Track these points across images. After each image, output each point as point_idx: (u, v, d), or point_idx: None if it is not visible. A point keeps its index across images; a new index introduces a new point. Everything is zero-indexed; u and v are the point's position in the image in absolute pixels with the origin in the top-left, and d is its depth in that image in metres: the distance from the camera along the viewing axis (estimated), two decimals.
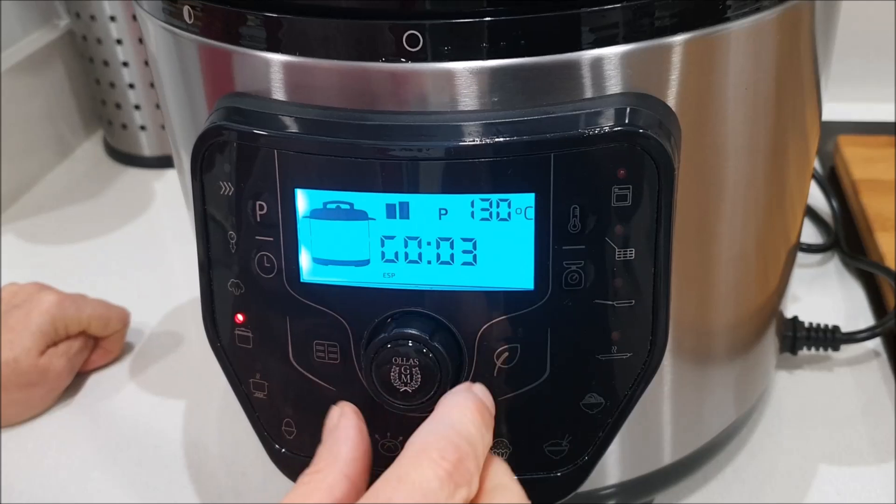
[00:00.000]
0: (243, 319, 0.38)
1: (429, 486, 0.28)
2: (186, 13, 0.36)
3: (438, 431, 0.30)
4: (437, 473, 0.29)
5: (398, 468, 0.29)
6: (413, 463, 0.29)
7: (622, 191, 0.33)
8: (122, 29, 0.83)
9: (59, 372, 0.59)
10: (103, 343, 0.63)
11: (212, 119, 0.36)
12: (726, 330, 0.45)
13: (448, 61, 0.32)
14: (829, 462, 0.53)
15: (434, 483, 0.28)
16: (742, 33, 0.35)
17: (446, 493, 0.29)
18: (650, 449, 0.46)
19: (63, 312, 0.59)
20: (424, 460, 0.29)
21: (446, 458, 0.29)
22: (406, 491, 0.28)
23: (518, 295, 0.35)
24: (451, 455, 0.29)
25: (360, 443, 0.33)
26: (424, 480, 0.28)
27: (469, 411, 0.32)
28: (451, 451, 0.29)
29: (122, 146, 0.91)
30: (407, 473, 0.29)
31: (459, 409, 0.32)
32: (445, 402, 0.33)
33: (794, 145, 0.42)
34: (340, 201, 0.35)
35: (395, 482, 0.29)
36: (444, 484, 0.29)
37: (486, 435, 0.32)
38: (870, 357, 0.61)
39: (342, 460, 0.32)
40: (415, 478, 0.29)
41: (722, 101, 0.36)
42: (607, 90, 0.33)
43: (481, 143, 0.33)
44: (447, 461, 0.29)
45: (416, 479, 0.28)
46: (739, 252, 0.42)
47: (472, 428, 0.31)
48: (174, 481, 0.55)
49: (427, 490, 0.28)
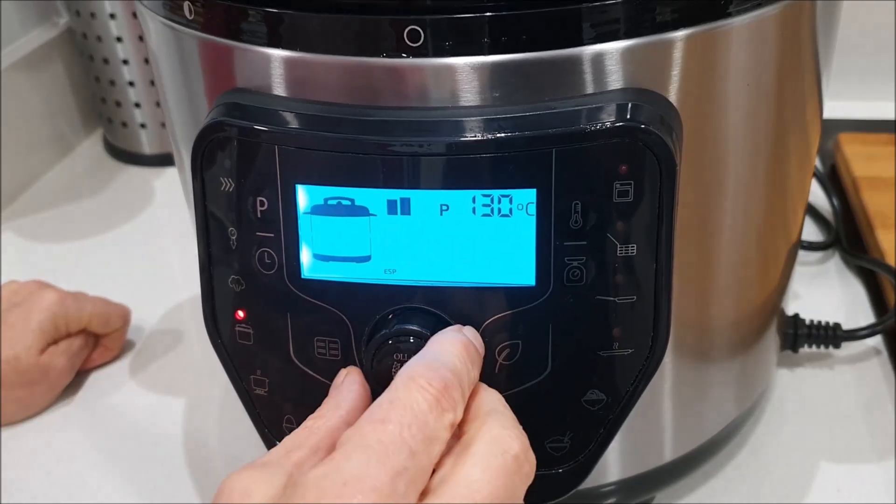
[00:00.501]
0: (244, 316, 0.38)
1: (418, 407, 0.31)
2: (187, 9, 0.36)
3: (426, 363, 0.32)
4: (426, 397, 0.31)
5: (389, 393, 0.31)
6: (404, 388, 0.31)
7: (624, 186, 0.33)
8: (122, 26, 0.83)
9: (60, 370, 0.59)
10: (104, 341, 0.63)
11: (212, 115, 0.35)
12: (727, 327, 0.45)
13: (449, 56, 0.32)
14: (829, 459, 0.53)
15: (423, 405, 0.31)
16: (743, 29, 0.35)
17: (434, 415, 0.31)
18: (651, 446, 0.46)
19: (64, 310, 0.59)
20: (413, 386, 0.31)
21: (433, 384, 0.31)
22: (398, 411, 0.30)
23: (519, 291, 0.35)
24: (437, 383, 0.31)
25: (363, 395, 0.35)
26: (414, 402, 0.31)
27: (455, 348, 0.34)
28: (437, 380, 0.32)
29: (122, 144, 0.91)
30: (398, 397, 0.31)
31: (446, 345, 0.34)
32: (435, 339, 0.35)
33: (796, 142, 0.42)
34: (341, 197, 0.35)
35: (387, 404, 0.31)
36: (432, 407, 0.31)
37: (471, 370, 0.34)
38: (870, 354, 0.61)
39: (344, 408, 0.34)
40: (405, 400, 0.31)
41: (723, 97, 0.36)
42: (609, 86, 0.33)
43: (482, 138, 0.32)
44: (434, 387, 0.31)
45: (407, 401, 0.31)
46: (740, 249, 0.42)
47: (458, 361, 0.33)
48: (175, 478, 0.55)
49: (417, 411, 0.30)
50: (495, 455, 0.31)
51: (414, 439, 0.30)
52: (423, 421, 0.30)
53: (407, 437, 0.30)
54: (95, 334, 0.63)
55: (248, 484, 0.30)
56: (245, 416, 0.40)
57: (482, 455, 0.31)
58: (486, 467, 0.31)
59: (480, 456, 0.31)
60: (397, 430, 0.30)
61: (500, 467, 0.31)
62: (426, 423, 0.30)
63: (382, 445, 0.29)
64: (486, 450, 0.31)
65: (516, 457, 0.31)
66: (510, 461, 0.31)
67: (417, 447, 0.30)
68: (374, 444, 0.29)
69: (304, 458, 0.32)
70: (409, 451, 0.29)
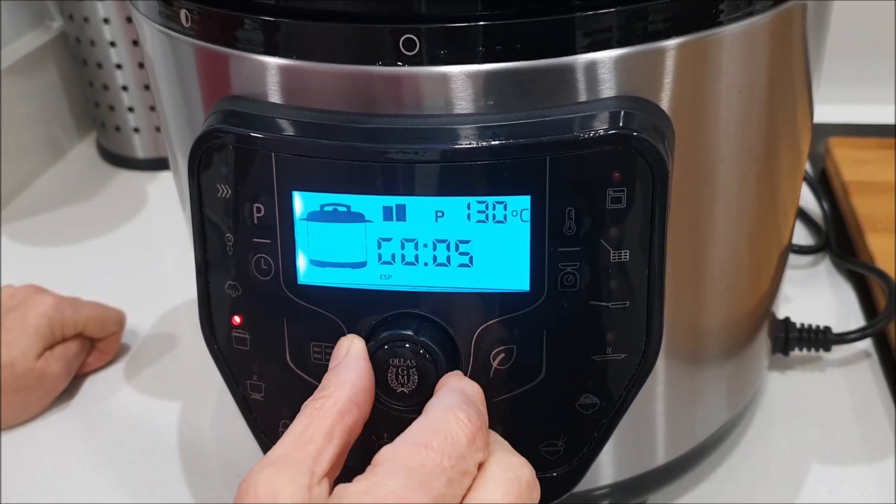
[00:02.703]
0: (240, 321, 0.38)
1: (458, 439, 0.31)
2: (183, 16, 0.36)
3: (458, 397, 0.33)
4: (465, 432, 0.31)
5: (431, 420, 0.31)
6: (443, 418, 0.31)
7: (617, 193, 0.34)
8: (116, 31, 0.83)
9: (56, 375, 0.59)
10: (100, 345, 0.63)
11: (209, 122, 0.36)
12: (719, 331, 0.45)
13: (444, 65, 0.33)
14: (820, 462, 0.54)
15: (462, 439, 0.31)
16: (735, 37, 0.35)
17: (471, 451, 0.31)
18: (644, 449, 0.46)
19: (60, 314, 0.59)
20: (452, 418, 0.31)
21: (472, 421, 0.32)
22: (440, 440, 0.31)
23: (514, 296, 0.35)
24: (476, 420, 0.32)
25: (368, 373, 0.35)
26: (455, 434, 0.31)
27: (478, 392, 0.34)
28: (475, 417, 0.32)
29: (115, 148, 0.91)
30: (439, 426, 0.31)
31: (470, 385, 0.34)
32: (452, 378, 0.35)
33: (786, 147, 0.42)
34: (337, 204, 0.35)
35: (430, 430, 0.31)
36: (469, 442, 0.31)
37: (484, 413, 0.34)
38: (861, 358, 0.61)
39: (351, 387, 0.34)
40: (446, 430, 0.31)
41: (715, 104, 0.36)
42: (602, 93, 0.34)
43: (477, 145, 0.33)
44: (472, 424, 0.32)
45: (448, 432, 0.31)
46: (732, 253, 0.42)
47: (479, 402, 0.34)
48: (171, 482, 0.55)
49: (457, 443, 0.31)
50: (512, 480, 0.32)
51: (453, 470, 0.30)
52: (461, 454, 0.31)
53: (447, 467, 0.30)
54: (91, 338, 0.63)
55: (272, 485, 0.30)
56: (240, 420, 0.41)
57: (501, 480, 0.32)
58: (507, 492, 0.31)
59: (499, 480, 0.32)
60: (439, 458, 0.30)
61: (518, 492, 0.32)
62: (463, 456, 0.31)
63: (425, 470, 0.30)
64: (503, 475, 0.32)
65: (528, 483, 0.32)
66: (524, 486, 0.32)
67: (454, 477, 0.30)
68: (417, 467, 0.30)
69: (320, 450, 0.31)
70: (447, 479, 0.30)
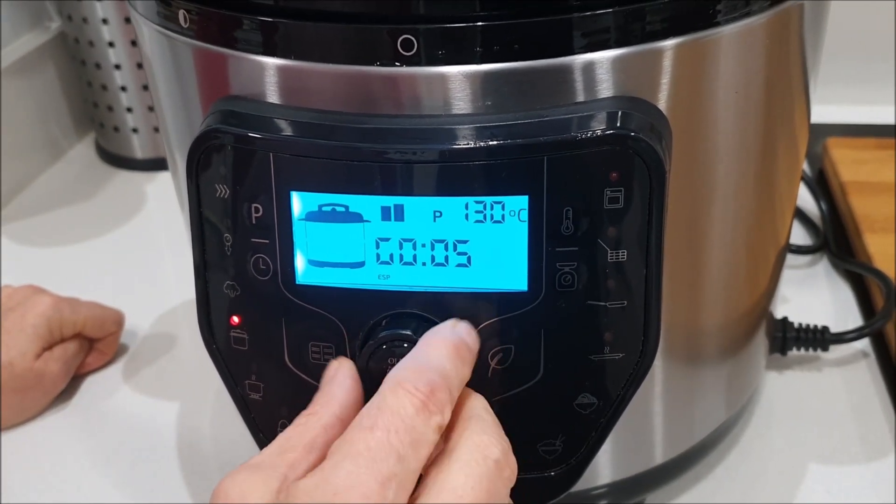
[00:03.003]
0: (239, 321, 0.38)
1: (405, 412, 0.31)
2: (182, 17, 0.36)
3: (413, 366, 0.33)
4: (413, 402, 0.31)
5: (377, 399, 0.32)
6: (391, 393, 0.32)
7: (614, 193, 0.34)
8: (115, 31, 0.83)
9: (55, 375, 0.59)
10: (98, 345, 0.63)
11: (207, 122, 0.36)
12: (717, 331, 0.45)
13: (442, 65, 0.33)
14: (818, 461, 0.54)
15: (410, 410, 0.31)
16: (732, 37, 0.35)
17: (422, 419, 0.31)
18: (642, 449, 0.46)
19: (59, 315, 0.59)
20: (400, 391, 0.32)
21: (420, 388, 0.32)
22: (385, 417, 0.31)
23: (512, 296, 0.36)
24: (424, 387, 0.32)
25: (355, 390, 0.35)
26: (401, 407, 0.31)
27: (444, 349, 0.34)
28: (423, 384, 0.32)
29: (113, 148, 0.91)
30: (385, 403, 0.31)
31: (435, 346, 0.34)
32: (425, 338, 0.35)
33: (784, 147, 0.42)
34: (336, 204, 0.35)
35: (375, 410, 0.31)
36: (419, 411, 0.31)
37: (461, 368, 0.34)
38: (858, 357, 0.61)
39: (337, 404, 0.34)
40: (393, 405, 0.31)
41: (712, 104, 0.37)
42: (599, 94, 0.34)
43: (475, 146, 0.33)
44: (421, 392, 0.32)
45: (394, 406, 0.31)
46: (730, 253, 0.42)
47: (447, 363, 0.33)
48: (169, 482, 0.55)
49: (404, 415, 0.31)
50: (477, 461, 0.32)
51: (402, 444, 0.30)
52: (410, 425, 0.31)
53: (395, 443, 0.30)
54: (90, 339, 0.63)
55: (244, 487, 0.30)
56: (238, 420, 0.41)
57: (465, 461, 0.32)
58: (470, 474, 0.31)
59: (464, 462, 0.32)
60: (385, 436, 0.30)
61: (483, 473, 0.32)
62: (413, 427, 0.31)
63: (371, 452, 0.30)
64: (469, 456, 0.32)
65: (497, 461, 0.32)
66: (492, 466, 0.32)
67: (405, 451, 0.30)
68: (362, 451, 0.30)
69: (299, 459, 0.32)
70: (396, 456, 0.30)
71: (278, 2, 0.33)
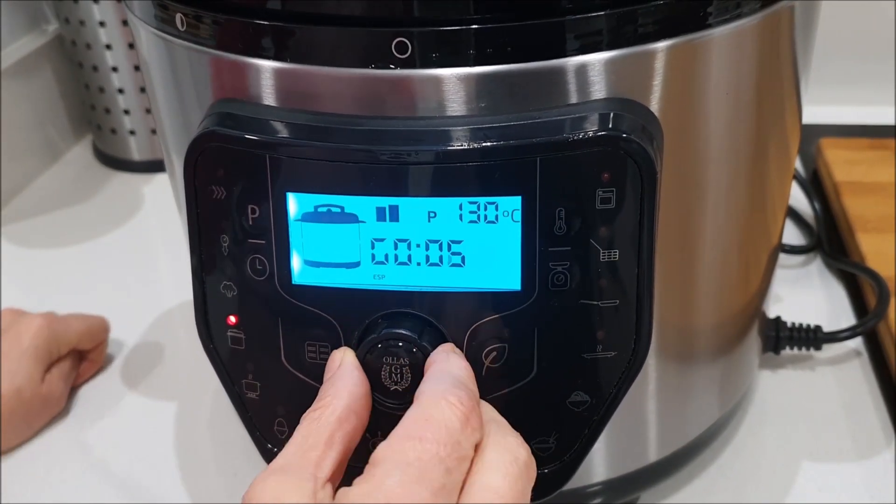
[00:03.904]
0: (236, 321, 0.39)
1: (452, 425, 0.31)
2: (179, 20, 0.37)
3: (448, 381, 0.32)
4: (457, 415, 0.31)
5: (422, 409, 0.31)
6: (435, 406, 0.31)
7: (606, 194, 0.34)
8: (112, 34, 0.84)
9: (60, 395, 0.60)
10: (90, 355, 0.63)
11: (204, 124, 0.36)
12: (710, 329, 0.45)
13: (436, 68, 0.33)
14: (811, 459, 0.54)
15: (456, 424, 0.31)
16: (723, 40, 0.35)
17: (466, 434, 0.31)
18: (635, 447, 0.46)
19: (54, 334, 0.59)
20: (444, 403, 0.31)
21: (463, 403, 0.31)
22: (434, 429, 0.30)
23: (505, 296, 0.36)
24: (467, 402, 0.32)
25: (363, 380, 0.35)
26: (448, 420, 0.31)
27: (466, 370, 0.34)
28: (466, 399, 0.32)
29: (111, 151, 0.91)
30: (432, 414, 0.31)
31: (457, 365, 0.34)
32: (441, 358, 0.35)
33: (775, 148, 0.42)
34: (331, 205, 0.35)
35: (423, 421, 0.31)
36: (463, 426, 0.31)
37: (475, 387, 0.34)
38: (851, 356, 0.62)
39: (348, 394, 0.34)
40: (440, 418, 0.31)
41: (704, 105, 0.37)
42: (592, 95, 0.34)
43: (469, 147, 0.33)
44: (464, 406, 0.31)
45: (441, 419, 0.31)
46: (722, 253, 0.43)
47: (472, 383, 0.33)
48: (166, 482, 0.55)
49: (452, 429, 0.30)
50: (509, 462, 0.32)
51: (450, 458, 0.30)
52: (456, 440, 0.31)
53: (444, 456, 0.30)
54: (81, 351, 0.62)
55: (278, 490, 0.30)
56: (235, 420, 0.41)
57: (500, 463, 0.32)
58: (506, 474, 0.31)
59: (498, 463, 0.32)
60: (434, 448, 0.30)
61: (517, 474, 0.32)
62: (459, 442, 0.31)
63: (421, 463, 0.30)
64: (501, 458, 0.32)
65: (526, 462, 0.32)
66: (522, 467, 0.32)
67: (452, 465, 0.30)
68: (413, 461, 0.30)
69: (322, 456, 0.32)
70: (445, 468, 0.30)
71: (274, 5, 0.34)
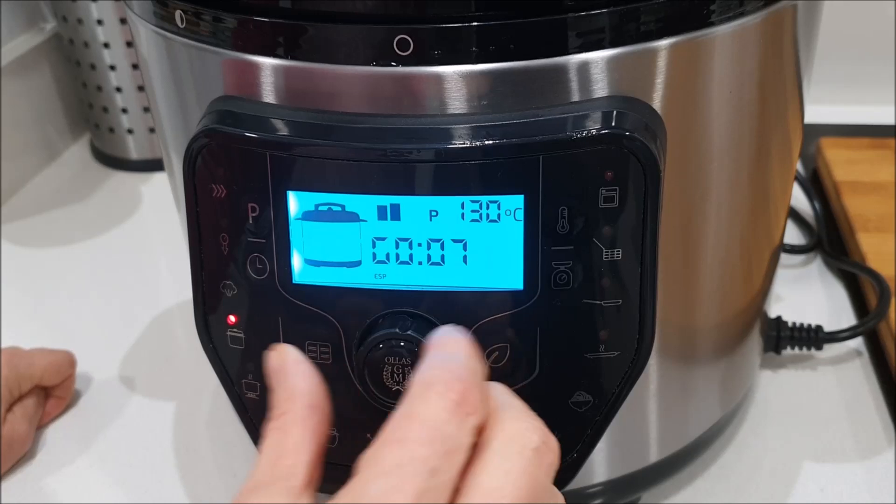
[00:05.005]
0: (235, 321, 0.39)
1: (438, 417, 0.29)
2: (178, 17, 0.36)
3: (440, 366, 0.31)
4: (445, 405, 0.29)
5: (406, 406, 0.30)
6: (420, 399, 0.29)
7: (609, 192, 0.34)
8: (110, 32, 0.83)
9: (23, 436, 0.55)
10: (55, 392, 0.59)
11: (204, 122, 0.36)
12: (711, 329, 0.45)
13: (438, 65, 0.33)
14: (812, 459, 0.54)
15: (443, 415, 0.29)
16: (726, 37, 0.35)
17: (456, 422, 0.29)
18: (637, 447, 0.46)
19: (15, 371, 0.54)
20: (431, 395, 0.29)
21: (452, 389, 0.29)
22: (417, 426, 0.29)
23: (508, 295, 0.36)
24: (457, 386, 0.30)
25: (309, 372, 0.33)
26: (433, 413, 0.29)
27: (464, 346, 0.32)
28: (455, 383, 0.30)
29: (109, 149, 0.91)
30: (415, 410, 0.29)
31: (454, 344, 0.32)
32: (439, 340, 0.33)
33: (777, 147, 0.42)
34: (332, 203, 0.35)
35: (405, 420, 0.29)
36: (452, 415, 0.29)
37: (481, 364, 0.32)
38: (852, 356, 0.61)
39: (301, 393, 0.32)
40: (423, 412, 0.29)
41: (706, 104, 0.37)
42: (594, 94, 0.34)
43: (471, 145, 0.33)
44: (454, 392, 0.29)
45: (425, 413, 0.29)
46: (724, 253, 0.43)
47: (470, 359, 0.31)
48: (165, 482, 0.55)
49: (437, 422, 0.29)
50: (513, 455, 0.30)
51: (435, 455, 0.28)
52: (443, 434, 0.29)
53: (427, 455, 0.28)
54: (45, 387, 0.58)
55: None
56: (234, 420, 0.41)
57: (502, 456, 0.29)
58: (509, 470, 0.29)
59: (501, 457, 0.29)
60: (415, 450, 0.28)
61: (523, 467, 0.29)
62: (446, 435, 0.29)
63: (401, 469, 0.28)
64: (504, 450, 0.30)
65: (536, 449, 0.30)
66: (530, 456, 0.30)
67: (438, 463, 0.28)
68: (392, 468, 0.28)
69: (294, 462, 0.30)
70: (429, 470, 0.28)
71: (274, 2, 0.34)
